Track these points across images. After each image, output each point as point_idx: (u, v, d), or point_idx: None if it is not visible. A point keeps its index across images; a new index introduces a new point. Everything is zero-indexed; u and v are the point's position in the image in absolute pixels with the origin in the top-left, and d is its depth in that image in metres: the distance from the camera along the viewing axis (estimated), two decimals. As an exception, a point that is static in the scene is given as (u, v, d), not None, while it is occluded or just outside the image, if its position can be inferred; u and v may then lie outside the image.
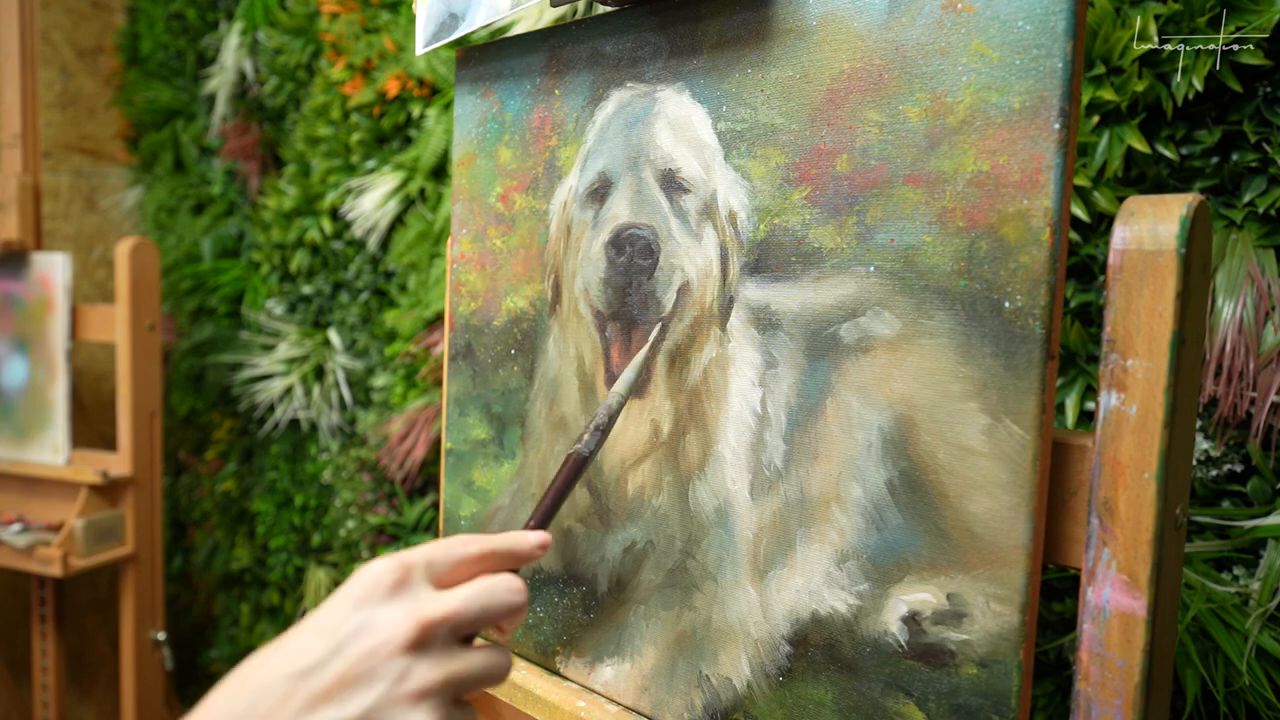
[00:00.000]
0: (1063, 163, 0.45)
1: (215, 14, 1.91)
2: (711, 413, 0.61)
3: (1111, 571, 0.45)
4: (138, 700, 1.61)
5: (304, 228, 1.65)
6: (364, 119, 1.52)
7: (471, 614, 0.44)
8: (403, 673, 0.40)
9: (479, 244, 0.78)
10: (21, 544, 1.50)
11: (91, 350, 2.04)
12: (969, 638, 0.48)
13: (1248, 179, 0.74)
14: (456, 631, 0.43)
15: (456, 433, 0.80)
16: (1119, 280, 0.44)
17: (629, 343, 0.66)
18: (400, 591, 0.43)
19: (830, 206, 0.54)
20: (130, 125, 2.12)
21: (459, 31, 0.73)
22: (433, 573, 0.45)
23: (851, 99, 0.53)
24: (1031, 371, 0.46)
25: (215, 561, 1.91)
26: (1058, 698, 0.82)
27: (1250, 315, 0.73)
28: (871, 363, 0.53)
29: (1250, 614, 0.72)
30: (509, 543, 0.50)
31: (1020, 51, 0.46)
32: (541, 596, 0.72)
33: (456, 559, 0.46)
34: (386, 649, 0.41)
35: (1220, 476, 0.76)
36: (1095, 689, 0.45)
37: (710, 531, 0.61)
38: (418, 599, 0.43)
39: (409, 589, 0.43)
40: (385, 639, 0.41)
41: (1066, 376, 0.82)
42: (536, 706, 0.67)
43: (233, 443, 1.88)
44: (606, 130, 0.67)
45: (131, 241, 1.54)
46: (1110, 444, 0.45)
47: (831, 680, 0.54)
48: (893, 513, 0.52)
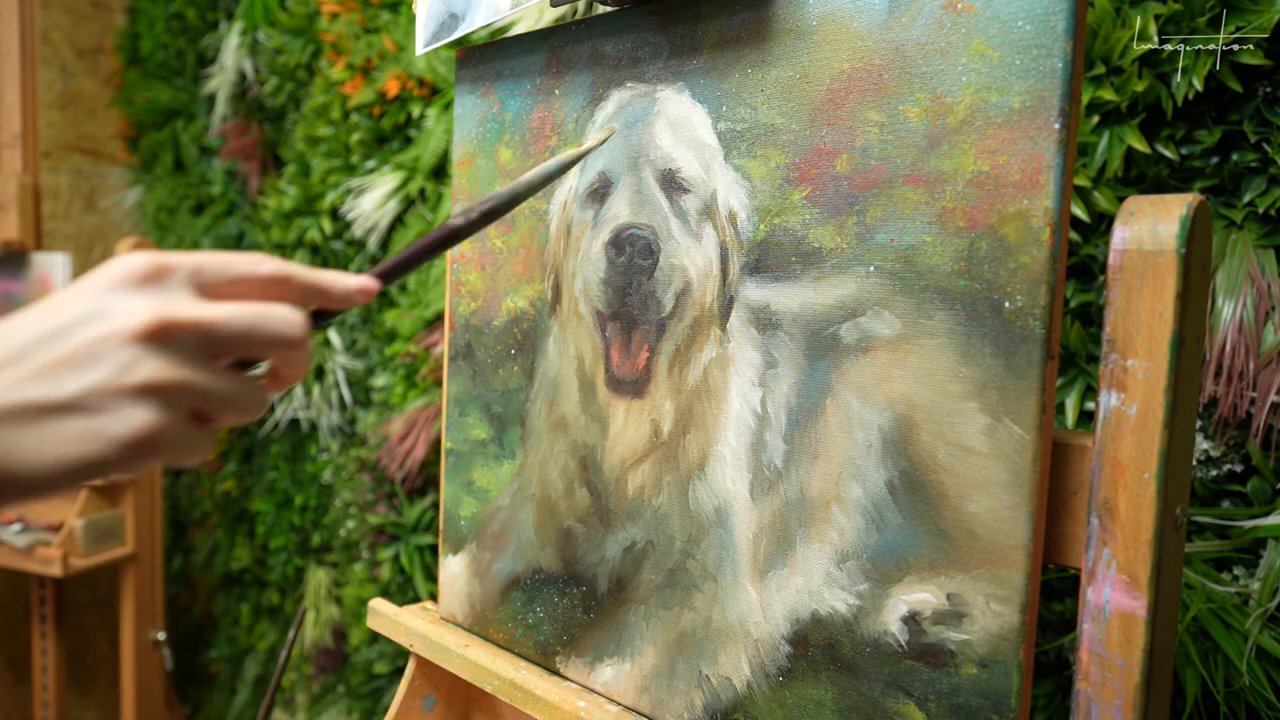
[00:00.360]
0: (1063, 163, 0.45)
1: (215, 14, 1.91)
2: (711, 413, 0.61)
3: (1111, 571, 0.45)
4: (138, 700, 1.61)
5: (304, 228, 1.65)
6: (364, 119, 1.52)
7: (229, 330, 0.38)
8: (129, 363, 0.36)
9: (479, 244, 0.78)
10: (21, 544, 1.50)
11: (91, 350, 2.03)
12: (969, 638, 0.48)
13: (1248, 179, 0.74)
14: (209, 344, 0.38)
15: (456, 433, 0.80)
16: (1119, 280, 0.44)
17: (629, 343, 0.66)
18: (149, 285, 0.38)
19: (830, 206, 0.54)
20: (130, 125, 2.12)
21: (459, 31, 0.73)
22: (199, 280, 0.39)
23: (851, 99, 0.53)
24: (1031, 371, 0.46)
25: (215, 561, 1.92)
26: (1058, 698, 0.82)
27: (1250, 315, 0.73)
28: (871, 363, 0.53)
29: (1250, 614, 0.72)
30: (316, 275, 0.43)
31: (1020, 51, 0.46)
32: (541, 596, 0.72)
33: (236, 274, 0.40)
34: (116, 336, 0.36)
35: (1220, 476, 0.76)
36: (1095, 689, 0.45)
37: (710, 531, 0.61)
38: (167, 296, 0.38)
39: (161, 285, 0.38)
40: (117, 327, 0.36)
41: (1066, 376, 0.82)
42: (536, 706, 0.67)
43: (233, 442, 1.88)
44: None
45: (131, 241, 1.54)
46: (1110, 444, 0.45)
47: (831, 680, 0.54)
48: (893, 513, 0.52)
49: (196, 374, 0.37)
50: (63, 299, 0.38)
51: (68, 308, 0.37)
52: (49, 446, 0.35)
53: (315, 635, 1.59)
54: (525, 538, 0.74)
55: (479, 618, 0.77)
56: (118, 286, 0.37)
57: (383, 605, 0.83)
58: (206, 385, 0.37)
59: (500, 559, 0.76)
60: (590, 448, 0.69)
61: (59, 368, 0.35)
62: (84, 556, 1.52)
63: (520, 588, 0.74)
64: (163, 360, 0.36)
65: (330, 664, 1.58)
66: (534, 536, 0.73)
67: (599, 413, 0.68)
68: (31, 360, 0.36)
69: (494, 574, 0.76)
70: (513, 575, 0.75)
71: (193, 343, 0.37)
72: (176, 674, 1.99)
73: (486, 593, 0.77)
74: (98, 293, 0.37)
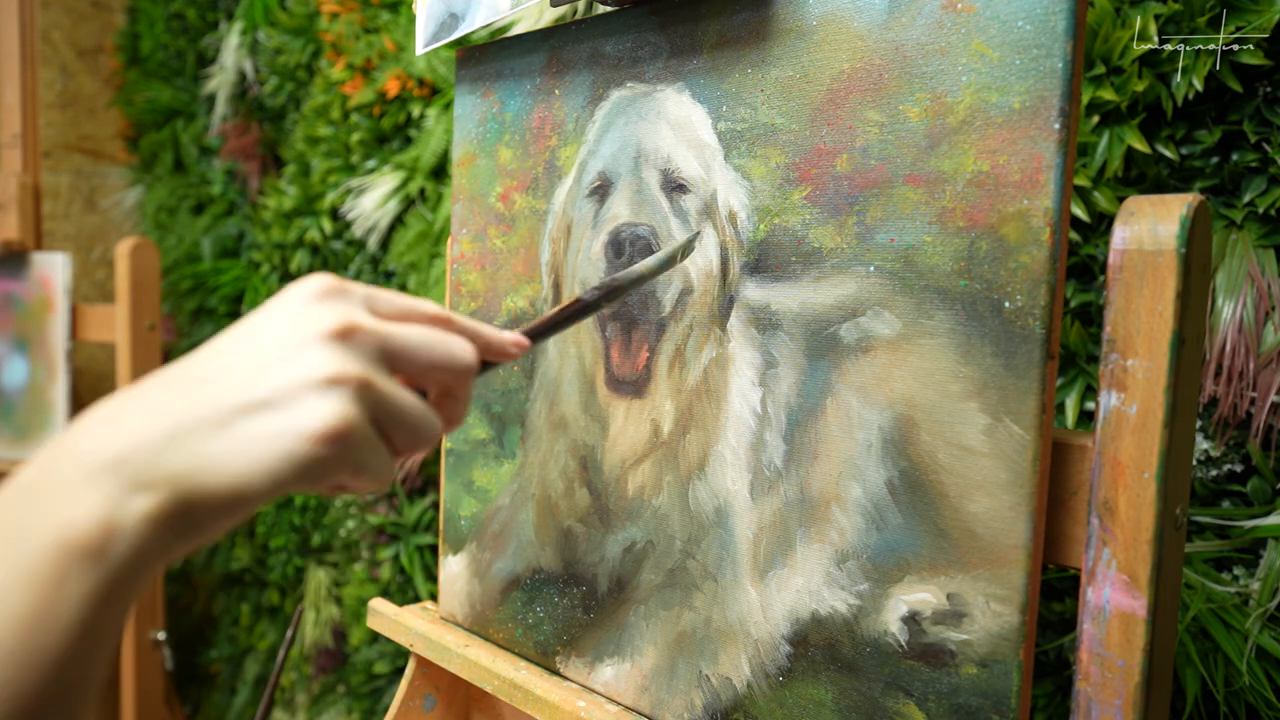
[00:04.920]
0: (1063, 163, 0.45)
1: (215, 14, 1.91)
2: (711, 413, 0.61)
3: (1111, 571, 0.45)
4: (138, 700, 1.61)
5: (304, 228, 1.65)
6: (364, 119, 1.52)
7: (407, 343, 0.39)
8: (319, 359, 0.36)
9: (479, 244, 0.78)
10: (21, 544, 1.50)
11: (91, 350, 2.04)
12: (969, 638, 0.48)
13: (1248, 179, 0.74)
14: (389, 353, 0.38)
15: (456, 433, 0.80)
16: (1119, 280, 0.44)
17: (629, 342, 0.66)
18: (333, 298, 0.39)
19: (830, 206, 0.54)
20: (130, 125, 2.12)
21: (459, 31, 0.73)
22: (372, 304, 0.40)
23: (851, 99, 0.53)
24: (1031, 371, 0.46)
25: (215, 561, 1.92)
26: (1058, 698, 0.82)
27: (1250, 315, 0.73)
28: (871, 363, 0.53)
29: (1250, 614, 0.72)
30: (476, 324, 0.44)
31: (1020, 51, 0.46)
32: (541, 596, 0.72)
33: (405, 306, 0.41)
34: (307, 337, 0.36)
35: (1220, 476, 0.76)
36: (1095, 689, 0.45)
37: (710, 531, 0.61)
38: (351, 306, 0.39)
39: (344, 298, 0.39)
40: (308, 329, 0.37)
41: (1066, 376, 0.82)
42: (536, 706, 0.67)
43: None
44: (607, 130, 0.67)
45: (131, 241, 1.54)
46: (1110, 444, 0.45)
47: (831, 680, 0.54)
48: (893, 512, 0.52)
49: (379, 376, 0.37)
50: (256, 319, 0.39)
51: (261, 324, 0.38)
52: (245, 447, 0.34)
53: (315, 635, 1.59)
54: (525, 538, 0.74)
55: (479, 618, 0.77)
56: (307, 300, 0.38)
57: (383, 605, 0.83)
58: (387, 390, 0.38)
59: (500, 559, 0.76)
60: (590, 448, 0.69)
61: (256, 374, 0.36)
62: (84, 556, 1.51)
63: (520, 588, 0.74)
64: (350, 356, 0.37)
65: (330, 664, 1.58)
66: (534, 536, 0.73)
67: (599, 413, 0.68)
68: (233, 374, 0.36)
69: (494, 574, 0.76)
70: (513, 575, 0.75)
71: (375, 347, 0.38)
72: (176, 674, 1.99)
73: (486, 593, 0.77)
74: (288, 308, 0.38)
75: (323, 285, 0.39)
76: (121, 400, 0.35)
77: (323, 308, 0.38)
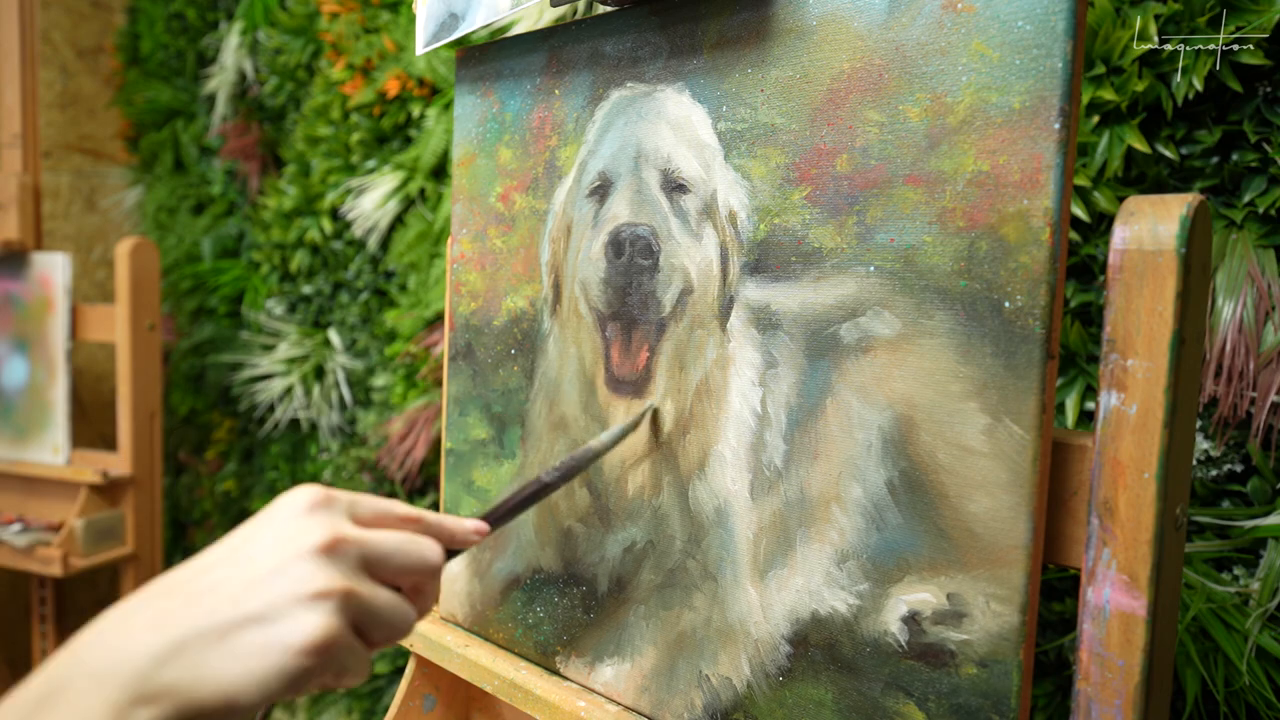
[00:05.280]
0: (1063, 163, 0.45)
1: (215, 14, 1.91)
2: (711, 413, 0.61)
3: (1111, 571, 0.45)
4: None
5: (304, 228, 1.65)
6: (364, 119, 1.52)
7: (384, 548, 0.44)
8: (308, 573, 0.40)
9: (479, 244, 0.78)
10: (21, 544, 1.50)
11: (91, 350, 2.04)
12: (969, 638, 0.48)
13: (1248, 179, 0.74)
14: (368, 560, 0.43)
15: (456, 433, 0.80)
16: (1119, 280, 0.44)
17: (629, 342, 0.66)
18: (320, 510, 0.43)
19: (830, 206, 0.54)
20: (130, 125, 2.12)
21: (459, 31, 0.73)
22: (354, 511, 0.45)
23: (851, 99, 0.53)
24: (1031, 371, 0.46)
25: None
26: (1058, 698, 0.82)
27: (1250, 315, 0.73)
28: (871, 363, 0.53)
29: (1250, 614, 0.72)
30: (440, 518, 0.50)
31: (1020, 51, 0.46)
32: (541, 596, 0.72)
33: (382, 510, 0.47)
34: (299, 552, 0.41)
35: (1220, 476, 0.76)
36: (1095, 689, 0.45)
37: (710, 531, 0.61)
38: (335, 518, 0.43)
39: (327, 510, 0.43)
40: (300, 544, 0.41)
41: (1066, 376, 0.82)
42: (536, 706, 0.67)
43: (233, 442, 1.88)
44: (607, 130, 0.67)
45: (131, 241, 1.54)
46: (1110, 444, 0.45)
47: (831, 680, 0.54)
48: (893, 513, 0.52)
49: (360, 584, 0.42)
50: (250, 530, 0.43)
51: (255, 537, 0.42)
52: (238, 660, 0.38)
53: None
54: (525, 537, 0.74)
55: (479, 617, 0.77)
56: (296, 514, 0.43)
57: (383, 605, 0.83)
58: (368, 594, 0.42)
59: (500, 559, 0.76)
60: (590, 448, 0.68)
61: (249, 588, 0.39)
62: (84, 556, 1.52)
63: (520, 587, 0.74)
64: (334, 569, 0.41)
65: (330, 664, 1.58)
66: (534, 536, 0.73)
67: (599, 413, 0.68)
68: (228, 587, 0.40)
69: (494, 574, 0.76)
70: (513, 575, 0.75)
71: (356, 557, 0.43)
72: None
73: (487, 592, 0.77)
74: (279, 521, 0.43)
75: (311, 498, 0.44)
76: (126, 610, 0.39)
77: (311, 521, 0.43)
